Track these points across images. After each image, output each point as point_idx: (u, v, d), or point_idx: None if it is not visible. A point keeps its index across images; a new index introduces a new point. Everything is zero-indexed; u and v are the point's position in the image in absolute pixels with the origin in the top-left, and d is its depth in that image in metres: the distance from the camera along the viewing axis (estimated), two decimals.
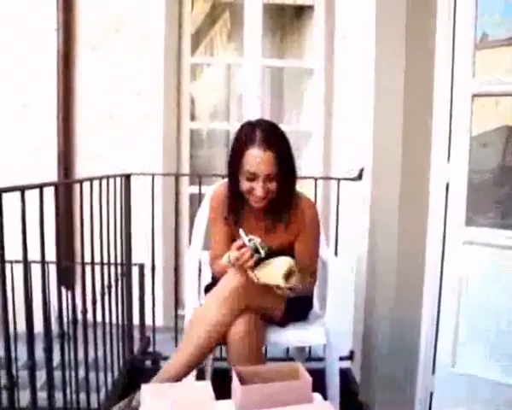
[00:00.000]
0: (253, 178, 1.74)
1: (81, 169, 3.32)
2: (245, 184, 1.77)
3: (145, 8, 3.25)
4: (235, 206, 1.89)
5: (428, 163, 2.34)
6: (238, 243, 1.71)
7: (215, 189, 2.06)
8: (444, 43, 2.26)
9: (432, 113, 2.31)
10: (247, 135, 1.76)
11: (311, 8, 3.51)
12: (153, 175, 2.64)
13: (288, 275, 1.67)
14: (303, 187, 2.26)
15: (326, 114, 3.37)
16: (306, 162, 3.57)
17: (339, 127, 3.12)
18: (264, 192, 1.75)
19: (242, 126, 1.82)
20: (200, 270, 2.19)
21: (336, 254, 2.57)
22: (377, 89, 2.42)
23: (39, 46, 3.26)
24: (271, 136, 1.75)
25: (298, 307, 2.00)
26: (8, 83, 3.29)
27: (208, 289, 1.97)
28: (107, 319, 2.22)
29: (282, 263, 1.69)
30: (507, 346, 2.16)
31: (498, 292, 2.19)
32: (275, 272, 1.68)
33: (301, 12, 3.80)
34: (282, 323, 1.95)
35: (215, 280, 1.92)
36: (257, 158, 1.71)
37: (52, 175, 3.23)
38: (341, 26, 3.09)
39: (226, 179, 1.93)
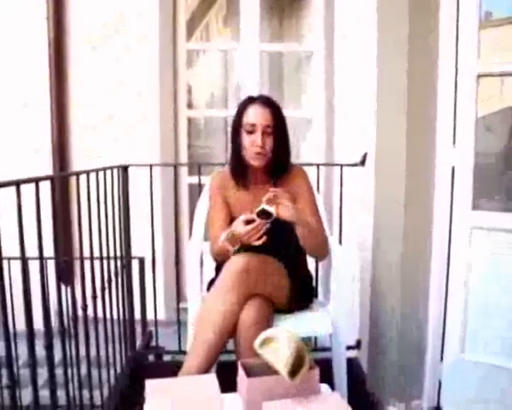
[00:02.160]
0: (252, 130, 1.94)
1: (77, 162, 3.31)
2: (245, 139, 1.95)
3: (141, 14, 3.23)
4: (240, 171, 2.03)
5: (434, 147, 2.34)
6: (246, 217, 1.77)
7: (215, 173, 2.18)
8: (448, 23, 2.24)
9: (436, 95, 2.30)
10: (247, 100, 2.01)
11: None
12: (151, 166, 2.63)
13: (294, 370, 1.45)
14: None
15: (327, 98, 3.34)
16: (308, 149, 3.56)
17: (340, 112, 3.10)
18: (262, 142, 1.92)
19: (243, 98, 2.06)
20: (201, 261, 2.18)
21: (340, 242, 2.56)
22: (380, 71, 2.40)
23: (32, 45, 3.25)
24: (268, 99, 2.02)
25: (302, 295, 2.02)
26: (5, 82, 3.28)
27: (211, 285, 1.98)
28: (107, 315, 2.22)
29: (287, 353, 1.44)
30: None
31: (507, 277, 2.20)
32: (281, 359, 1.45)
33: None
34: (287, 310, 1.95)
35: (217, 274, 1.93)
36: (256, 111, 1.95)
37: (47, 170, 3.22)
38: (341, 6, 3.06)
39: (225, 167, 2.07)
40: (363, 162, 2.57)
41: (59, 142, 3.29)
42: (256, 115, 1.95)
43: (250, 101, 2.00)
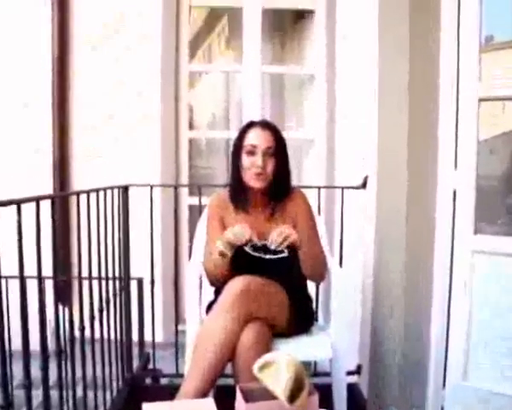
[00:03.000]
0: (253, 151, 1.96)
1: (78, 181, 3.32)
2: (246, 161, 1.97)
3: (141, 14, 3.27)
4: (240, 194, 2.04)
5: (435, 170, 2.34)
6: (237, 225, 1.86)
7: (215, 194, 2.20)
8: (448, 46, 2.27)
9: (438, 118, 2.32)
10: (247, 124, 2.05)
11: (311, 12, 3.53)
12: (151, 186, 2.64)
13: (293, 395, 1.42)
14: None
15: (328, 120, 3.37)
16: (309, 171, 3.58)
17: (342, 134, 3.12)
18: (263, 164, 1.94)
19: (244, 123, 2.10)
20: (201, 283, 2.18)
21: (341, 264, 2.56)
22: (381, 94, 2.43)
23: (35, 48, 3.27)
24: (269, 123, 2.07)
25: (302, 318, 2.01)
26: (5, 82, 3.30)
27: (210, 307, 1.97)
28: (105, 336, 2.21)
29: (287, 377, 1.43)
30: None
31: (509, 302, 2.19)
32: (280, 383, 1.44)
33: (301, 17, 3.82)
34: (286, 333, 1.95)
35: (217, 297, 1.92)
36: (258, 133, 1.98)
37: (48, 188, 3.23)
38: (343, 31, 3.11)
39: (226, 188, 2.10)
40: (364, 185, 2.58)
41: (60, 160, 3.30)
42: (257, 137, 1.98)
43: (251, 124, 2.04)
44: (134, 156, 3.32)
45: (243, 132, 2.02)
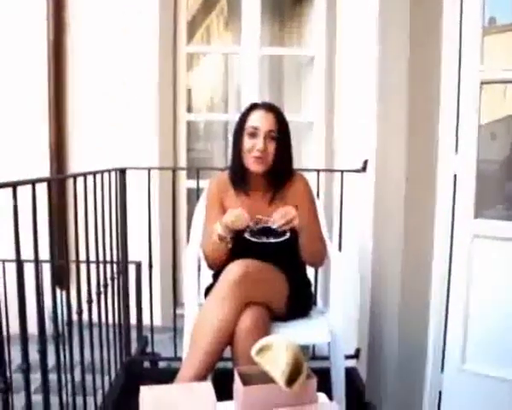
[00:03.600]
0: (255, 133, 1.94)
1: (75, 164, 3.32)
2: (247, 143, 1.96)
3: None
4: (240, 176, 2.04)
5: (435, 154, 2.33)
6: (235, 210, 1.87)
7: (215, 176, 2.19)
8: (450, 28, 2.25)
9: (439, 101, 2.30)
10: (250, 106, 2.03)
11: None
12: (149, 169, 2.64)
13: (291, 379, 1.43)
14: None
15: (328, 103, 3.36)
16: (308, 154, 3.57)
17: (341, 117, 3.11)
18: (264, 147, 1.92)
19: (248, 105, 2.08)
20: (199, 267, 2.19)
21: (340, 249, 2.56)
22: (381, 76, 2.41)
23: (31, 46, 3.26)
24: (272, 105, 2.04)
25: (300, 302, 2.02)
26: (2, 84, 3.29)
27: (208, 291, 1.98)
28: (103, 320, 2.22)
29: (285, 361, 1.43)
30: None
31: (509, 287, 2.19)
32: (278, 367, 1.44)
33: None
34: (285, 317, 1.95)
35: (215, 281, 1.93)
36: (260, 115, 1.97)
37: (44, 171, 3.23)
38: (343, 11, 3.08)
39: (226, 170, 2.11)
40: (364, 168, 2.58)
41: (56, 144, 3.29)
42: (260, 119, 1.96)
43: (254, 106, 2.02)
44: (132, 139, 3.31)
45: (246, 114, 2.01)
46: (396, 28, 2.32)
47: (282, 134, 1.97)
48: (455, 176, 2.31)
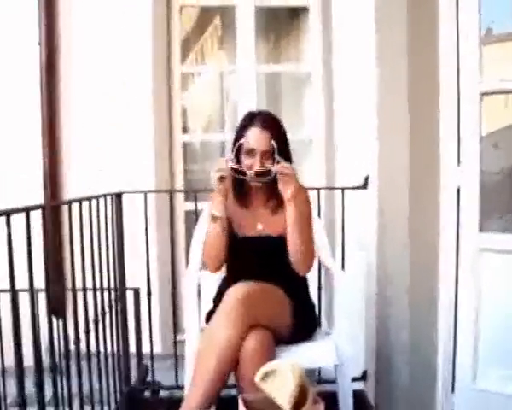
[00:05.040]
0: (251, 153, 1.97)
1: (69, 188, 3.32)
2: (245, 160, 1.99)
3: (131, 15, 3.27)
4: (240, 188, 2.06)
5: (437, 167, 2.35)
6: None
7: None
8: (447, 40, 2.27)
9: (439, 114, 2.32)
10: (248, 118, 2.05)
11: (305, 9, 3.54)
12: (145, 193, 2.64)
13: (297, 405, 1.43)
14: None
15: (327, 119, 3.37)
16: (308, 172, 3.57)
17: (341, 134, 3.12)
18: (261, 166, 1.95)
19: (245, 114, 2.11)
20: (199, 292, 2.18)
21: (343, 267, 2.56)
22: (380, 91, 2.44)
23: (21, 59, 3.28)
24: (269, 120, 2.05)
25: (305, 323, 2.01)
26: None
27: (209, 316, 1.97)
28: (101, 349, 2.21)
29: (290, 386, 1.42)
30: None
31: None
32: (283, 393, 1.44)
33: (295, 14, 3.82)
34: (289, 340, 1.94)
35: (216, 306, 1.92)
36: (255, 135, 1.98)
37: (38, 196, 3.22)
38: (339, 26, 3.11)
39: None
40: (365, 185, 2.58)
41: (51, 167, 3.29)
42: (255, 140, 1.98)
43: (250, 120, 2.02)
44: (127, 162, 3.31)
45: (242, 128, 2.03)
46: (393, 43, 2.35)
47: (279, 150, 1.97)
48: (458, 189, 2.32)
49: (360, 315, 2.66)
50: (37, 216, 1.64)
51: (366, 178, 2.57)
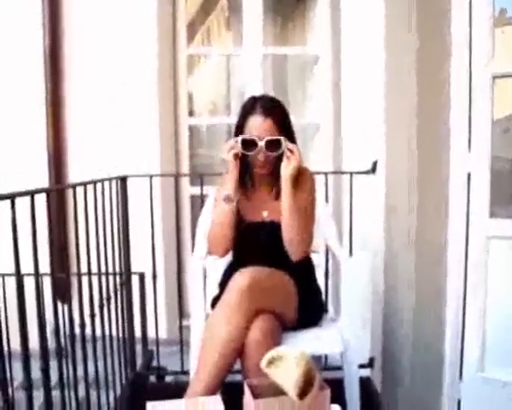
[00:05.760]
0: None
1: (74, 171, 3.32)
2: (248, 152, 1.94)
3: None
4: (245, 175, 2.04)
5: (448, 152, 2.33)
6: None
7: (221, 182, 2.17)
8: (460, 21, 2.24)
9: (449, 97, 2.29)
10: (249, 105, 2.00)
11: None
12: (150, 176, 2.64)
13: (303, 391, 1.43)
14: None
15: (334, 103, 3.34)
16: (315, 157, 3.56)
17: (349, 117, 3.09)
18: (265, 156, 1.94)
19: (247, 99, 2.06)
20: (205, 276, 2.18)
21: (351, 253, 2.55)
22: (388, 74, 2.41)
23: (25, 45, 3.27)
24: (271, 106, 2.00)
25: (311, 309, 2.01)
26: None
27: (215, 302, 1.97)
28: (106, 333, 2.22)
29: (296, 372, 1.42)
30: None
31: None
32: (289, 379, 1.44)
33: None
34: (295, 326, 1.94)
35: (222, 291, 1.93)
36: (257, 123, 1.94)
37: (43, 180, 3.23)
38: (347, 9, 3.07)
39: None
40: (373, 170, 2.57)
41: (55, 151, 3.30)
42: (257, 129, 1.94)
43: (252, 107, 1.98)
44: (132, 145, 3.31)
45: (244, 115, 1.99)
46: (403, 24, 2.32)
47: (283, 135, 1.95)
48: (468, 174, 2.30)
49: (367, 301, 2.65)
50: (41, 200, 1.64)
51: (375, 163, 2.56)
